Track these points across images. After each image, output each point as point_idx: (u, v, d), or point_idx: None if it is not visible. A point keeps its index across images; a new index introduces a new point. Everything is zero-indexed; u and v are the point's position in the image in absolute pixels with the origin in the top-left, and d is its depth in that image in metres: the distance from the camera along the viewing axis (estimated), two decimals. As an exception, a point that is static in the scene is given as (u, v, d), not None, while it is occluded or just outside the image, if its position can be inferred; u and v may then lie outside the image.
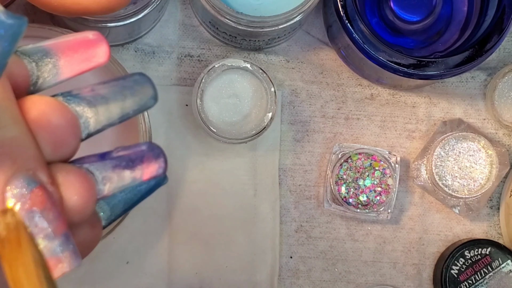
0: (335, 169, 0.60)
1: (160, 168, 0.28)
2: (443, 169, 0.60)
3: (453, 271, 0.60)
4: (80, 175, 0.26)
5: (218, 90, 0.58)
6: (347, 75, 0.62)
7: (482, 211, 0.63)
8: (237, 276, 0.60)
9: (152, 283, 0.59)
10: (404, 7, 0.58)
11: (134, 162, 0.27)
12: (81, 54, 0.27)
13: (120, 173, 0.27)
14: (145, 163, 0.28)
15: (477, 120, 0.63)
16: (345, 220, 0.62)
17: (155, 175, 0.28)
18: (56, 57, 0.27)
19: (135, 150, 0.28)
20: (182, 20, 0.61)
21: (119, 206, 0.29)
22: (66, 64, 0.27)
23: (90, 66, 0.27)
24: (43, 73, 0.27)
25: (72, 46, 0.27)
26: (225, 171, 0.60)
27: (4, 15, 0.22)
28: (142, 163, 0.28)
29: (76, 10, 0.35)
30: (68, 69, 0.27)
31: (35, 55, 0.27)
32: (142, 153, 0.28)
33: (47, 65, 0.27)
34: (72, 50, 0.27)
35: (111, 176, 0.27)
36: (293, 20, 0.54)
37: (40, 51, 0.27)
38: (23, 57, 0.27)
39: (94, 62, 0.27)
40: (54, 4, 0.34)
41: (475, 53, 0.55)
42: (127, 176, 0.27)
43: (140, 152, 0.28)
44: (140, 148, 0.28)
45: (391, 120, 0.62)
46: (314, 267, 0.61)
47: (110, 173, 0.27)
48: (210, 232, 0.60)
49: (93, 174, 0.27)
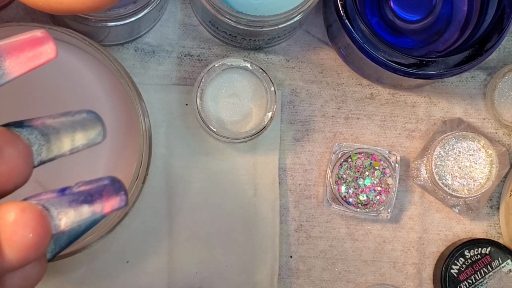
0: (335, 168, 0.60)
1: (121, 201, 0.28)
2: (443, 168, 0.60)
3: (453, 270, 0.60)
4: (35, 212, 0.27)
5: (218, 89, 0.58)
6: (347, 75, 0.62)
7: (482, 210, 0.63)
8: (237, 275, 0.60)
9: (152, 283, 0.59)
10: (404, 6, 0.58)
11: (93, 196, 0.28)
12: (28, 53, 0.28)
13: (77, 208, 0.28)
14: (104, 197, 0.28)
15: (477, 120, 0.63)
16: (345, 219, 0.62)
17: (117, 207, 0.28)
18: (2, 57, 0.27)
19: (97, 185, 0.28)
20: (182, 20, 0.61)
21: (63, 238, 0.29)
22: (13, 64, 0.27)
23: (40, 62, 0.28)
24: None
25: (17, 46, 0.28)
26: (225, 171, 0.60)
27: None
28: (102, 197, 0.28)
29: (60, 9, 0.36)
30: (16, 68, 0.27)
31: None
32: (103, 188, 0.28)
33: None
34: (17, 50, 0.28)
35: (67, 211, 0.27)
36: (293, 20, 0.54)
37: None
38: None
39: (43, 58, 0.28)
40: (39, 4, 0.35)
41: (475, 52, 0.55)
42: (85, 210, 0.28)
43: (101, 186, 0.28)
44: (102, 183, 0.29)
45: (391, 120, 0.62)
46: (314, 267, 0.61)
47: (66, 208, 0.27)
48: (210, 231, 0.60)
49: (49, 210, 0.27)
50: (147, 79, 0.61)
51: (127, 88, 0.53)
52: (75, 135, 0.28)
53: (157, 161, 0.59)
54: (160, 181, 0.60)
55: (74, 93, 0.55)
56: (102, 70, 0.55)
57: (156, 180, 0.60)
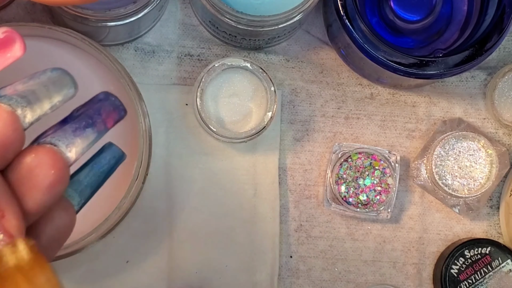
0: (335, 168, 0.60)
1: (120, 111, 0.30)
2: (443, 168, 0.60)
3: (453, 270, 0.60)
4: (48, 151, 0.28)
5: (218, 89, 0.58)
6: (347, 75, 0.62)
7: (482, 210, 0.63)
8: (237, 275, 0.60)
9: (152, 282, 0.59)
10: (404, 6, 0.58)
11: (93, 117, 0.30)
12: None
13: (82, 134, 0.29)
14: (103, 114, 0.30)
15: (477, 120, 0.63)
16: (345, 219, 0.62)
17: (118, 119, 0.30)
18: None
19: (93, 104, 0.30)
20: (182, 20, 0.61)
21: (86, 190, 0.31)
22: None
23: (9, 61, 0.28)
24: None
25: None
26: (225, 171, 0.60)
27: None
28: (100, 115, 0.30)
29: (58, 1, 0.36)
30: None
31: None
32: (99, 106, 0.30)
33: None
34: None
35: (74, 141, 0.29)
36: (293, 20, 0.54)
37: None
38: None
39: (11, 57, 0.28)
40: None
41: (475, 52, 0.55)
42: (90, 133, 0.29)
43: (97, 105, 0.30)
44: (97, 100, 0.30)
45: (391, 120, 0.62)
46: (314, 267, 0.61)
47: (72, 139, 0.29)
48: (210, 231, 0.60)
49: (57, 146, 0.29)
50: (147, 79, 0.61)
51: (127, 88, 0.53)
52: (50, 93, 0.29)
53: (157, 161, 0.59)
54: (160, 181, 0.60)
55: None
56: (102, 70, 0.55)
57: (156, 180, 0.60)
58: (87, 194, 0.31)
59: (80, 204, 0.30)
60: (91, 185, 0.31)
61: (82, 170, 0.31)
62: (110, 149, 0.32)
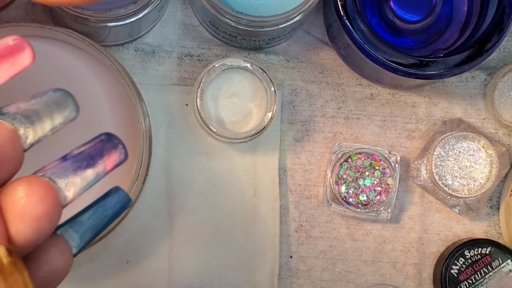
0: (335, 168, 0.60)
1: (121, 155, 0.29)
2: (443, 168, 0.60)
3: (453, 270, 0.60)
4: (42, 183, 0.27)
5: (218, 89, 0.58)
6: (347, 75, 0.62)
7: (482, 210, 0.63)
8: (237, 276, 0.60)
9: (152, 283, 0.59)
10: (404, 6, 0.58)
11: (95, 158, 0.29)
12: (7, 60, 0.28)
13: (82, 174, 0.28)
14: (105, 156, 0.29)
15: (477, 120, 0.63)
16: (345, 219, 0.62)
17: (118, 163, 0.29)
18: None
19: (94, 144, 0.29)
20: (182, 20, 0.61)
21: (87, 232, 0.30)
22: None
23: (18, 70, 0.28)
24: None
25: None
26: (225, 171, 0.60)
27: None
28: (102, 156, 0.29)
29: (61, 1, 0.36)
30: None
31: None
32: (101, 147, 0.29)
33: None
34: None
35: (74, 180, 0.28)
36: (293, 20, 0.54)
37: None
38: None
39: (20, 66, 0.28)
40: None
41: (475, 52, 0.55)
42: (90, 174, 0.29)
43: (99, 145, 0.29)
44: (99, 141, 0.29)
45: (391, 120, 0.63)
46: (314, 267, 0.61)
47: (72, 178, 0.28)
48: (210, 232, 0.60)
49: (56, 183, 0.28)
50: (147, 79, 0.61)
51: (127, 89, 0.53)
52: (53, 115, 0.29)
53: (157, 161, 0.59)
54: (160, 181, 0.60)
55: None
56: (102, 71, 0.55)
57: (156, 180, 0.60)
58: (88, 237, 0.30)
59: (79, 247, 0.30)
60: (93, 228, 0.30)
61: (86, 211, 0.30)
62: (117, 193, 0.31)
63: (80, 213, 0.30)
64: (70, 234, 0.29)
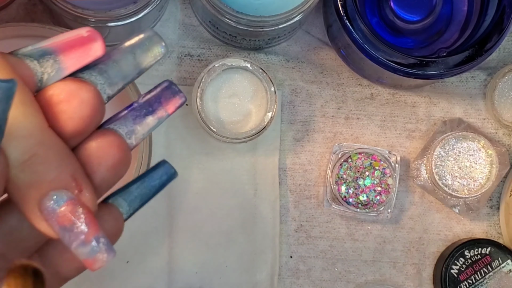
0: (335, 168, 0.60)
1: (181, 99, 0.32)
2: (443, 168, 0.60)
3: (453, 270, 0.60)
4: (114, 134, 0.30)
5: (218, 89, 0.58)
6: (347, 75, 0.62)
7: (482, 210, 0.63)
8: (237, 275, 0.60)
9: (152, 283, 0.59)
10: (404, 6, 0.58)
11: (153, 106, 0.31)
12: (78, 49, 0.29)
13: (141, 122, 0.31)
14: (164, 103, 0.31)
15: (477, 120, 0.63)
16: (345, 219, 0.62)
17: (178, 105, 0.32)
18: (55, 53, 0.29)
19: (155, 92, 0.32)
20: (182, 20, 0.61)
21: (135, 201, 0.32)
22: (67, 59, 0.29)
23: (89, 59, 0.29)
24: (46, 68, 0.29)
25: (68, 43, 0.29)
26: (225, 171, 0.60)
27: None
28: (161, 103, 0.31)
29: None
30: (70, 63, 0.29)
31: (35, 55, 0.29)
32: (159, 93, 0.32)
33: (47, 61, 0.29)
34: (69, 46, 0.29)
35: (134, 129, 0.31)
36: (293, 20, 0.54)
37: (38, 51, 0.29)
38: (24, 58, 0.29)
39: (91, 55, 0.29)
40: None
41: (475, 52, 0.55)
42: (151, 121, 0.31)
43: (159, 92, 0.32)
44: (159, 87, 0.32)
45: (391, 120, 0.63)
46: (314, 267, 0.61)
47: (132, 127, 0.31)
48: (210, 232, 0.60)
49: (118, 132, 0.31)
50: (147, 79, 0.60)
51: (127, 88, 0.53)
52: (136, 59, 0.31)
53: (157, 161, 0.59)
54: (160, 181, 0.60)
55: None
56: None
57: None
58: (136, 205, 0.32)
59: (128, 213, 0.32)
60: (141, 197, 0.32)
61: (134, 182, 0.32)
62: (164, 166, 0.33)
63: (129, 184, 0.32)
64: (119, 202, 0.31)
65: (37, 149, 0.27)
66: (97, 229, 0.28)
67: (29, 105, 0.27)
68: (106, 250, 0.28)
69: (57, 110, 0.28)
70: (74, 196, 0.28)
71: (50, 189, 0.27)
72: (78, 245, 0.28)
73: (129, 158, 0.30)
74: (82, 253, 0.28)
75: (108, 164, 0.29)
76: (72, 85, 0.29)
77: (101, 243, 0.28)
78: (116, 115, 0.31)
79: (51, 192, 0.27)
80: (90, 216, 0.28)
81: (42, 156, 0.27)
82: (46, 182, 0.27)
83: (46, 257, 0.30)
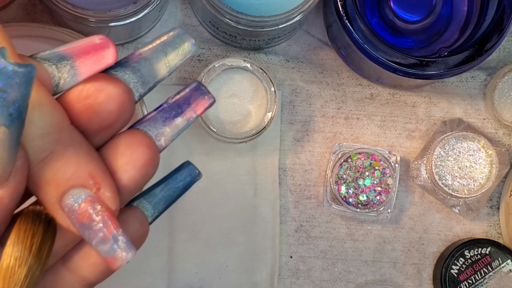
0: (335, 168, 0.60)
1: (210, 99, 0.32)
2: (443, 168, 0.60)
3: (453, 270, 0.60)
4: (144, 134, 0.30)
5: (218, 89, 0.58)
6: (347, 75, 0.62)
7: (482, 210, 0.63)
8: (237, 276, 0.60)
9: (152, 283, 0.60)
10: (404, 7, 0.58)
11: (182, 107, 0.31)
12: (92, 56, 0.29)
13: (171, 123, 0.31)
14: (192, 104, 0.31)
15: (477, 120, 0.63)
16: (345, 219, 0.62)
17: (207, 106, 0.32)
18: (72, 58, 0.29)
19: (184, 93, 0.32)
20: (182, 20, 0.61)
21: (160, 203, 0.32)
22: (82, 65, 0.29)
23: (101, 67, 0.29)
24: (63, 74, 0.29)
25: (83, 49, 0.30)
26: (225, 171, 0.60)
27: (16, 66, 0.25)
28: (190, 104, 0.31)
29: None
30: (84, 70, 0.29)
31: (53, 59, 0.29)
32: (189, 94, 0.32)
33: (65, 66, 0.29)
34: (84, 53, 0.29)
35: (163, 130, 0.31)
36: (293, 20, 0.54)
37: (57, 55, 0.29)
38: (43, 61, 0.29)
39: (103, 63, 0.29)
40: None
41: (475, 53, 0.55)
42: (180, 122, 0.31)
43: (188, 93, 0.32)
44: (188, 88, 0.32)
45: (391, 120, 0.63)
46: (314, 267, 0.61)
47: (161, 128, 0.31)
48: (210, 232, 0.60)
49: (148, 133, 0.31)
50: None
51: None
52: (167, 57, 0.31)
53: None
54: (160, 181, 0.60)
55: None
56: (102, 70, 0.55)
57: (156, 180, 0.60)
58: (160, 208, 0.32)
59: (153, 216, 0.32)
60: (165, 199, 0.32)
61: (158, 185, 0.32)
62: (188, 167, 0.33)
63: (153, 186, 0.32)
64: (144, 205, 0.31)
65: (54, 146, 0.27)
66: (116, 227, 0.28)
67: (46, 103, 0.28)
68: (125, 248, 0.28)
69: (84, 104, 0.28)
70: (93, 194, 0.28)
71: (68, 186, 0.27)
72: (98, 242, 0.28)
73: (158, 159, 0.30)
74: (102, 250, 0.28)
75: (137, 163, 0.29)
76: (101, 80, 0.29)
77: (120, 241, 0.28)
78: (145, 116, 0.31)
79: (70, 190, 0.27)
80: (109, 214, 0.28)
81: (60, 154, 0.27)
82: (63, 179, 0.27)
83: (70, 262, 0.30)
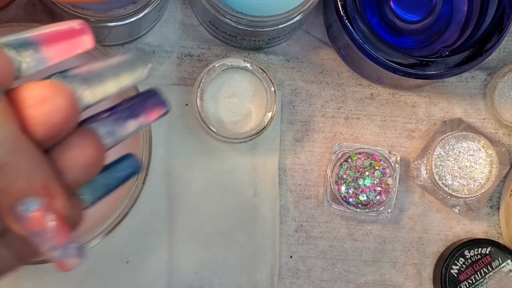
0: (335, 168, 0.60)
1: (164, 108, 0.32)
2: (443, 168, 0.60)
3: (453, 270, 0.60)
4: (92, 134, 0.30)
5: (218, 89, 0.58)
6: (347, 75, 0.62)
7: (482, 210, 0.63)
8: (237, 276, 0.60)
9: (152, 283, 0.59)
10: (404, 6, 0.58)
11: (135, 110, 0.32)
12: (66, 41, 0.30)
13: (122, 124, 0.31)
14: (147, 109, 0.32)
15: (477, 120, 0.63)
16: (345, 219, 0.62)
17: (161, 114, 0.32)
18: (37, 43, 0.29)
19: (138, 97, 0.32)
20: (182, 20, 0.61)
21: (99, 190, 0.32)
22: (51, 50, 0.29)
23: (78, 51, 0.30)
24: (25, 57, 0.29)
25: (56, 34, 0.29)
26: (225, 171, 0.60)
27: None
28: (144, 109, 0.32)
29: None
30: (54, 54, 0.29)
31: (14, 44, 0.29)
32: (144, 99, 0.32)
33: (27, 50, 0.29)
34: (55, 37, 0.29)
35: (113, 130, 0.31)
36: (293, 20, 0.54)
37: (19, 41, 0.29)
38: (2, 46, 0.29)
39: (80, 48, 0.30)
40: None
41: (475, 52, 0.55)
42: (131, 126, 0.31)
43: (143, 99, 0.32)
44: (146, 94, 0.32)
45: (391, 120, 0.63)
46: (314, 267, 0.61)
47: (111, 128, 0.31)
48: (210, 231, 0.60)
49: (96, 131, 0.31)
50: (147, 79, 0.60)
51: (127, 88, 0.53)
52: (120, 77, 0.31)
53: (157, 162, 0.59)
54: (160, 181, 0.60)
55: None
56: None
57: (156, 180, 0.60)
58: (98, 194, 0.32)
59: (90, 201, 0.32)
60: (105, 186, 0.32)
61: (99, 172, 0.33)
62: (130, 159, 0.33)
63: None
64: (82, 189, 0.32)
65: (8, 157, 0.27)
66: (67, 235, 0.28)
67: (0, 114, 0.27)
68: (76, 255, 0.29)
69: (29, 114, 0.28)
70: (45, 203, 0.28)
71: (21, 196, 0.28)
72: (49, 249, 0.28)
73: (103, 160, 0.30)
74: (53, 256, 0.28)
75: (83, 164, 0.29)
76: (47, 90, 0.28)
77: (71, 249, 0.28)
78: (98, 114, 0.31)
79: (22, 199, 0.28)
80: (61, 223, 0.28)
81: (14, 164, 0.27)
82: (17, 189, 0.28)
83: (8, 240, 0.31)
